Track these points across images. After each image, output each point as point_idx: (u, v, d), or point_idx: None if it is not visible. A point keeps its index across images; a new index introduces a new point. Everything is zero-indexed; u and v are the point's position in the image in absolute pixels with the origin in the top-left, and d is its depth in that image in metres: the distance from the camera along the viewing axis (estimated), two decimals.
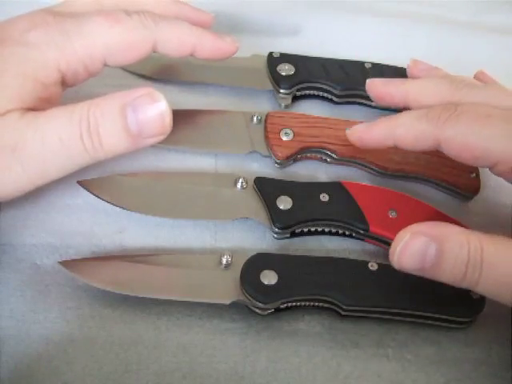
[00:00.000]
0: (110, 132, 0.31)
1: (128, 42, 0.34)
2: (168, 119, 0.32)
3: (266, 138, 0.40)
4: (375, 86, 0.37)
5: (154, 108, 0.31)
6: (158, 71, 0.45)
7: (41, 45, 0.33)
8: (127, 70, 0.45)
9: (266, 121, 0.41)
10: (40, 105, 0.33)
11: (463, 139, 0.31)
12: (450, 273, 0.29)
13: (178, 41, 0.36)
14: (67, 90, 0.36)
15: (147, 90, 0.32)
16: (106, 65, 0.35)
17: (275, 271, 0.33)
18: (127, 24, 0.34)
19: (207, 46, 0.37)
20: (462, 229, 0.29)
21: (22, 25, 0.34)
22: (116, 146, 0.32)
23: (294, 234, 0.37)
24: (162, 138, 0.33)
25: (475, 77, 0.39)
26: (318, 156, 0.41)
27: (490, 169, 0.32)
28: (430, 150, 0.33)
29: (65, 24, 0.34)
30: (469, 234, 0.29)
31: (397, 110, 0.40)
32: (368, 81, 0.37)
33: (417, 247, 0.29)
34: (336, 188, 0.37)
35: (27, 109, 0.32)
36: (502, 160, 0.31)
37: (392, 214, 0.36)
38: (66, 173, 0.33)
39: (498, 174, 0.32)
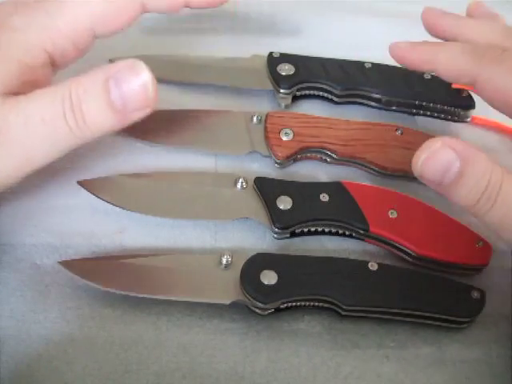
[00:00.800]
0: (93, 108, 0.30)
1: (114, 6, 0.33)
2: (152, 90, 0.30)
3: (266, 138, 0.40)
4: (432, 15, 0.37)
5: (137, 79, 0.30)
6: (159, 71, 0.45)
7: (24, 27, 0.32)
8: None
9: (266, 121, 0.41)
10: (27, 88, 0.31)
11: (499, 83, 0.31)
12: (464, 195, 0.29)
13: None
14: None
15: (129, 62, 0.30)
16: (97, 37, 0.34)
17: (275, 271, 0.33)
18: None
19: None
20: (489, 159, 0.29)
21: (5, 10, 0.33)
22: (101, 122, 0.31)
23: (293, 234, 0.37)
24: (147, 110, 0.31)
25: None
26: (318, 156, 0.41)
27: None
28: (465, 84, 0.34)
29: (45, 2, 0.33)
30: (494, 165, 0.29)
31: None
32: (391, 44, 0.37)
33: (443, 159, 0.28)
34: (336, 188, 0.37)
35: (13, 93, 0.31)
36: None
37: (392, 214, 0.36)
38: (54, 156, 0.32)
39: None
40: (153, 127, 0.41)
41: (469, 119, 0.43)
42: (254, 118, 0.41)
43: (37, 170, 0.32)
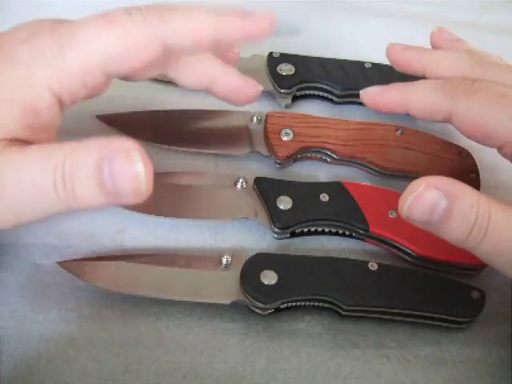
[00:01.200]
0: (84, 185, 0.28)
1: (128, 45, 0.30)
2: (144, 182, 0.28)
3: (266, 138, 0.40)
4: (395, 51, 0.37)
5: (130, 169, 0.27)
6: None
7: (29, 62, 0.29)
8: None
9: (266, 121, 0.41)
10: (32, 134, 0.30)
11: (475, 116, 0.31)
12: (454, 231, 0.29)
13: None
14: None
15: (126, 146, 0.27)
16: (112, 76, 0.31)
17: (275, 271, 0.33)
18: (126, 24, 0.29)
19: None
20: (474, 190, 0.29)
21: (20, 35, 0.30)
22: (90, 199, 0.28)
23: (293, 234, 0.37)
24: (139, 200, 0.29)
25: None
26: (318, 156, 0.41)
27: (497, 150, 0.32)
28: (440, 122, 0.33)
29: (58, 33, 0.30)
30: (480, 196, 0.29)
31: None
32: (389, 45, 0.37)
33: (429, 199, 0.28)
34: (336, 188, 0.37)
35: (15, 139, 0.29)
36: (509, 142, 0.31)
37: (392, 214, 0.36)
38: (42, 217, 0.30)
39: (505, 156, 0.32)
40: (153, 127, 0.41)
41: None
42: (254, 118, 0.41)
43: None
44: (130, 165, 0.27)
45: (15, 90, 0.29)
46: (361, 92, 0.36)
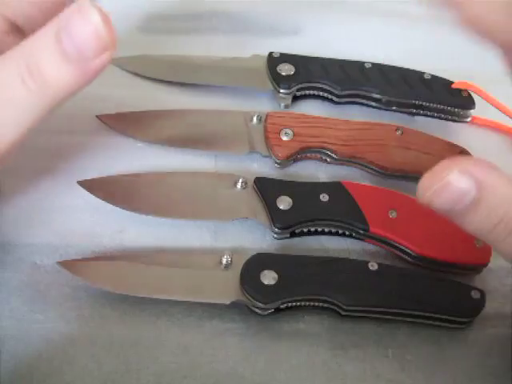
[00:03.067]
0: (49, 64, 0.27)
1: None
2: (104, 31, 0.27)
3: (266, 138, 0.40)
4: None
5: (86, 23, 0.27)
6: (159, 71, 0.45)
7: None
8: (126, 69, 0.45)
9: (266, 121, 0.41)
10: None
11: None
12: (478, 222, 0.26)
13: None
14: None
15: (77, 6, 0.27)
16: None
17: (275, 271, 0.33)
18: None
19: None
20: (507, 186, 0.26)
21: None
22: (61, 78, 0.28)
23: (293, 234, 0.37)
24: (107, 55, 0.28)
25: None
26: (318, 156, 0.41)
27: None
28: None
29: None
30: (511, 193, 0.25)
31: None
32: None
33: (458, 189, 0.25)
34: (336, 188, 0.37)
35: None
36: None
37: (392, 214, 0.36)
38: (27, 127, 0.29)
39: None
40: (153, 127, 0.41)
41: (469, 119, 0.43)
42: (254, 118, 0.41)
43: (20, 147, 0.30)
44: (85, 19, 0.27)
45: None
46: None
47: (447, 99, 0.42)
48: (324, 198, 0.37)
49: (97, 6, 0.27)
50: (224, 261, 0.34)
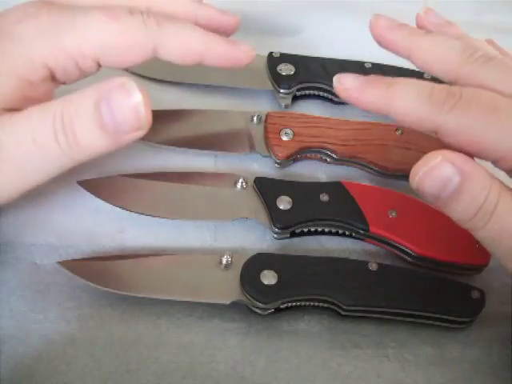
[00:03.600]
0: (85, 129, 0.29)
1: (125, 42, 0.32)
2: (143, 111, 0.29)
3: (266, 138, 0.40)
4: (379, 28, 0.34)
5: (128, 101, 0.28)
6: (159, 72, 0.45)
7: (28, 39, 0.31)
8: (127, 70, 0.45)
9: (266, 121, 0.41)
10: (26, 104, 0.30)
11: (466, 132, 0.29)
12: (460, 210, 0.28)
13: (181, 47, 0.33)
14: (63, 90, 0.36)
15: (120, 82, 0.28)
16: (100, 65, 0.33)
17: (275, 271, 0.33)
18: (126, 22, 0.31)
19: (217, 54, 0.34)
20: (489, 173, 0.28)
21: (14, 16, 0.32)
22: (93, 144, 0.29)
23: (293, 234, 0.37)
24: (141, 133, 0.30)
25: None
26: (318, 156, 0.41)
27: (492, 163, 0.31)
28: (426, 132, 0.31)
29: (57, 16, 0.31)
30: (493, 180, 0.28)
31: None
32: (373, 17, 0.34)
33: (442, 174, 0.27)
34: (336, 188, 0.37)
35: (11, 109, 0.30)
36: (506, 157, 0.29)
37: (392, 214, 0.36)
38: (49, 176, 0.31)
39: (501, 169, 0.31)
40: (153, 127, 0.41)
41: None
42: (254, 118, 0.41)
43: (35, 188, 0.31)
44: (128, 96, 0.28)
45: (13, 64, 0.31)
46: (334, 81, 0.31)
47: None
48: (324, 197, 0.37)
49: (140, 85, 0.28)
50: (224, 261, 0.34)
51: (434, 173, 0.28)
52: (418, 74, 0.43)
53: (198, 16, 0.36)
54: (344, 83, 0.31)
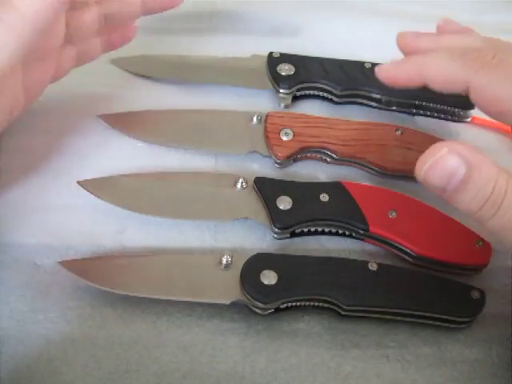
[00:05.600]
0: None
1: None
2: None
3: (266, 138, 0.40)
4: (406, 39, 0.35)
5: None
6: (159, 71, 0.45)
7: None
8: (126, 69, 0.45)
9: (266, 121, 0.41)
10: None
11: (494, 90, 0.30)
12: (468, 201, 0.28)
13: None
14: (63, 90, 0.36)
15: None
16: None
17: (275, 271, 0.33)
18: None
19: None
20: (495, 164, 0.28)
21: None
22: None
23: (294, 234, 0.37)
24: None
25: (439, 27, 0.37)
26: (318, 156, 0.41)
27: None
28: (458, 92, 0.32)
29: None
30: (500, 170, 0.28)
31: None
32: (399, 34, 0.35)
33: (448, 165, 0.27)
34: (336, 188, 0.37)
35: None
36: None
37: (392, 214, 0.36)
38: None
39: None
40: (153, 127, 0.41)
41: (469, 119, 0.43)
42: (254, 118, 0.41)
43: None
44: None
45: None
46: (376, 69, 0.34)
47: (447, 99, 0.42)
48: (324, 198, 0.37)
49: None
50: (224, 261, 0.34)
51: (440, 164, 0.28)
52: None
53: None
54: (382, 66, 0.34)
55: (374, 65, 0.44)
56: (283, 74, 0.43)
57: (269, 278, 0.33)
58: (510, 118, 0.30)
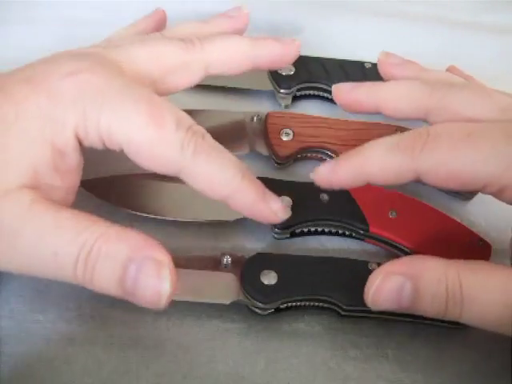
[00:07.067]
0: (104, 274, 0.27)
1: (155, 155, 0.29)
2: (164, 300, 0.27)
3: (266, 138, 0.40)
4: (341, 92, 0.33)
5: (156, 283, 0.26)
6: None
7: (68, 101, 0.28)
8: None
9: (265, 121, 0.41)
10: (57, 178, 0.29)
11: (446, 168, 0.28)
12: (430, 309, 0.28)
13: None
14: None
15: (159, 258, 0.27)
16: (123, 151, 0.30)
17: (275, 271, 0.33)
18: (166, 137, 0.28)
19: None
20: (440, 262, 0.28)
21: (67, 65, 0.29)
22: (105, 289, 0.27)
23: (294, 234, 0.37)
24: (154, 308, 0.28)
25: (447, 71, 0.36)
26: (318, 156, 0.41)
27: (481, 191, 0.29)
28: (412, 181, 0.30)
29: (105, 85, 0.28)
30: (446, 267, 0.27)
31: None
32: (333, 87, 0.34)
33: (390, 288, 0.28)
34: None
35: (43, 184, 0.28)
36: (490, 182, 0.28)
37: (392, 214, 0.36)
38: (49, 277, 0.28)
39: (489, 194, 0.29)
40: None
41: None
42: (254, 118, 0.41)
43: None
44: (157, 280, 0.26)
45: (47, 128, 0.28)
46: (311, 175, 0.31)
47: None
48: (324, 198, 0.37)
49: (172, 270, 0.27)
50: (224, 261, 0.34)
51: (382, 291, 0.28)
52: None
53: (257, 57, 0.35)
54: (318, 171, 0.31)
55: (374, 65, 0.44)
56: (283, 73, 0.43)
57: (269, 278, 0.33)
58: (472, 186, 0.29)
